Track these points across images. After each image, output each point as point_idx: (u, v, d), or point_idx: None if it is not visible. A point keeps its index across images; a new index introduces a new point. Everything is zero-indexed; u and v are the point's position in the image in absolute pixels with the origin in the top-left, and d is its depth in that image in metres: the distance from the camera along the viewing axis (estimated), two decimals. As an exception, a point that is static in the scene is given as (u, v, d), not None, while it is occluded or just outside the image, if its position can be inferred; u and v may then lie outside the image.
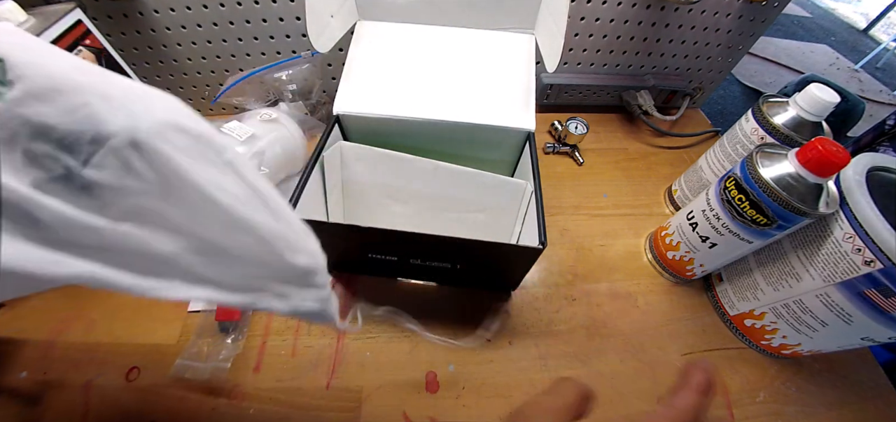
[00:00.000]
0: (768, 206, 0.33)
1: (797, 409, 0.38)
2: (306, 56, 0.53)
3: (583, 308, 0.44)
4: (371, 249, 0.37)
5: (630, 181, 0.57)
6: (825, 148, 0.30)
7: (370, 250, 0.37)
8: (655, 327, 0.43)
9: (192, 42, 0.52)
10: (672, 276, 0.46)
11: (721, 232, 0.38)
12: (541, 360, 0.40)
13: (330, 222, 0.32)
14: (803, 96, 0.39)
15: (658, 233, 0.48)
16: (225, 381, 0.35)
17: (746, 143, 0.44)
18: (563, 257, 0.48)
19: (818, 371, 0.41)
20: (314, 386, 0.36)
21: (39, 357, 0.37)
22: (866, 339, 0.33)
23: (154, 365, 0.37)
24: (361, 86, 0.42)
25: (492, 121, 0.40)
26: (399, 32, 0.45)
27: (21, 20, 0.34)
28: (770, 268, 0.38)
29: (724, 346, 0.42)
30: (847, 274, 0.31)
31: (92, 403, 0.34)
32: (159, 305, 0.41)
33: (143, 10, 0.47)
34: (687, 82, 0.66)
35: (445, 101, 0.42)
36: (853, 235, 0.31)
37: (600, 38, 0.59)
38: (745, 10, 0.57)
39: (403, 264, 0.40)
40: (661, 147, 0.63)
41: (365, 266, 0.42)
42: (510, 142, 0.43)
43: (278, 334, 0.39)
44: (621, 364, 0.40)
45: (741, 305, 0.41)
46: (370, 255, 0.38)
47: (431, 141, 0.43)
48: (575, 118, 0.59)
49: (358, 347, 0.39)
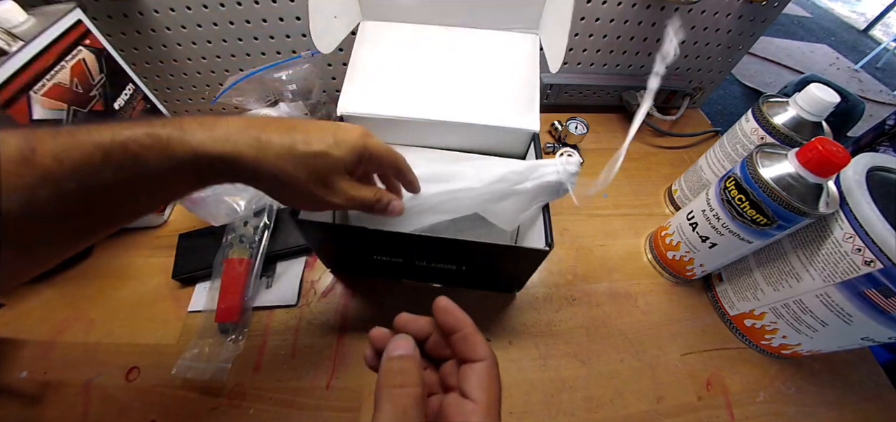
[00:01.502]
0: (768, 206, 0.33)
1: (797, 409, 0.38)
2: (306, 56, 0.53)
3: (583, 308, 0.44)
4: (377, 251, 0.37)
5: (630, 181, 0.57)
6: (825, 148, 0.30)
7: (376, 252, 0.37)
8: (655, 327, 0.43)
9: (192, 42, 0.52)
10: (672, 276, 0.46)
11: (721, 232, 0.38)
12: (541, 360, 0.40)
13: (334, 224, 0.32)
14: (803, 96, 0.39)
15: (658, 233, 0.48)
16: (225, 381, 0.35)
17: (746, 143, 0.44)
18: (563, 257, 0.48)
19: (818, 371, 0.41)
20: (314, 386, 0.36)
21: (39, 357, 0.37)
22: (866, 339, 0.33)
23: (154, 365, 0.37)
24: (365, 86, 0.42)
25: (496, 122, 0.40)
26: (403, 33, 0.45)
27: (21, 20, 0.34)
28: (770, 268, 0.38)
29: (724, 346, 0.42)
30: (847, 274, 0.31)
31: (92, 403, 0.34)
32: (159, 305, 0.41)
33: (143, 10, 0.47)
34: (687, 82, 0.66)
35: (449, 101, 0.41)
36: (853, 235, 0.31)
37: (600, 38, 0.59)
38: (745, 10, 0.57)
39: (409, 266, 0.40)
40: (661, 147, 0.63)
41: (371, 267, 0.42)
42: (514, 142, 0.43)
43: (278, 333, 0.39)
44: (621, 364, 0.40)
45: (741, 305, 0.41)
46: (375, 256, 0.38)
47: (435, 141, 0.43)
48: (575, 118, 0.59)
49: (358, 346, 0.39)
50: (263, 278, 0.42)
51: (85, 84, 0.38)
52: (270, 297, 0.41)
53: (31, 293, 0.41)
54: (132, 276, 0.43)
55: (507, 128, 0.40)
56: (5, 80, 0.31)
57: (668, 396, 0.38)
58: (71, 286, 0.41)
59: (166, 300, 0.41)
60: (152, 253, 0.45)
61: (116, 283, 0.42)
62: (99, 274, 0.43)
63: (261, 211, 0.43)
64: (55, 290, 0.41)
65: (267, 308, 0.41)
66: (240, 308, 0.38)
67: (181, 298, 0.41)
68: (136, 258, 0.44)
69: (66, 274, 0.42)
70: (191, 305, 0.40)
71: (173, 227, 0.47)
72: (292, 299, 0.41)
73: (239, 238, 0.41)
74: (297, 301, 0.41)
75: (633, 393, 0.38)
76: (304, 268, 0.44)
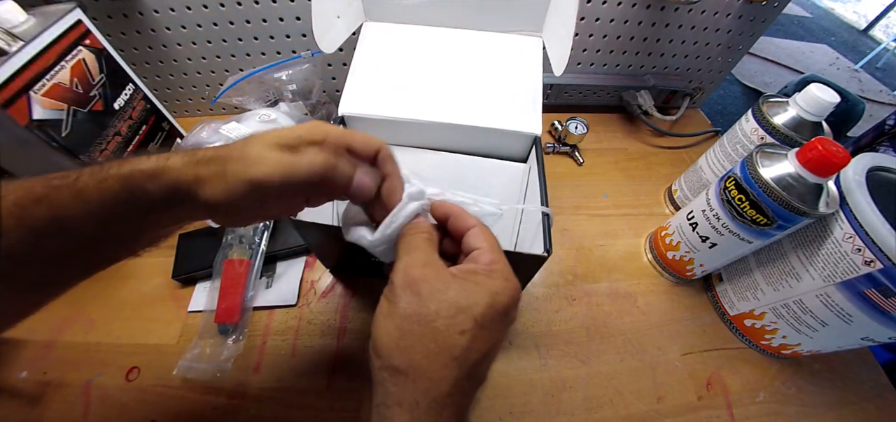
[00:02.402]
0: (768, 206, 0.33)
1: (797, 409, 0.38)
2: (306, 56, 0.53)
3: (583, 308, 0.44)
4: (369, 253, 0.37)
5: (630, 181, 0.57)
6: (825, 148, 0.30)
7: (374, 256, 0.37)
8: (655, 326, 0.43)
9: (192, 42, 0.52)
10: (672, 276, 0.46)
11: (721, 232, 0.38)
12: (541, 360, 0.40)
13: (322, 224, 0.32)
14: (803, 96, 0.39)
15: (658, 233, 0.48)
16: (225, 381, 0.35)
17: (746, 143, 0.44)
18: (563, 257, 0.48)
19: (818, 371, 0.41)
20: (314, 386, 0.36)
21: (39, 357, 0.37)
22: (866, 339, 0.33)
23: (154, 365, 0.37)
24: (367, 87, 0.42)
25: (497, 124, 0.40)
26: (405, 34, 0.45)
27: (21, 20, 0.34)
28: (770, 268, 0.38)
29: (724, 346, 0.42)
30: (847, 274, 0.31)
31: (92, 403, 0.34)
32: (159, 305, 0.41)
33: (143, 10, 0.47)
34: (687, 82, 0.66)
35: (451, 103, 0.41)
36: (853, 235, 0.31)
37: (600, 38, 0.59)
38: (745, 10, 0.57)
39: None
40: (661, 147, 0.63)
41: (366, 268, 0.42)
42: (516, 145, 0.42)
43: (278, 333, 0.39)
44: (621, 364, 0.40)
45: (741, 305, 0.41)
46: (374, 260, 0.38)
47: (436, 143, 0.43)
48: (575, 118, 0.59)
49: (358, 346, 0.39)
50: (263, 278, 0.42)
51: (85, 84, 0.38)
52: (270, 297, 0.41)
53: (31, 293, 0.41)
54: (132, 276, 0.43)
55: (509, 130, 0.40)
56: (5, 80, 0.31)
57: (668, 396, 0.38)
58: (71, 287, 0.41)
59: (166, 300, 0.41)
60: (152, 253, 0.44)
61: (116, 283, 0.42)
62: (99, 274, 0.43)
63: (261, 211, 0.43)
64: (55, 290, 0.41)
65: (267, 308, 0.41)
66: (239, 309, 0.38)
67: (181, 298, 0.41)
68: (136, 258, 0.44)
69: (66, 274, 0.42)
70: (191, 305, 0.40)
71: (173, 227, 0.47)
72: (292, 299, 0.41)
73: (238, 238, 0.41)
74: (297, 301, 0.41)
75: (633, 393, 0.38)
76: (304, 268, 0.44)
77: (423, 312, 0.18)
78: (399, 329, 0.18)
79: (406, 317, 0.18)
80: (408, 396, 0.18)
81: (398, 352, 0.18)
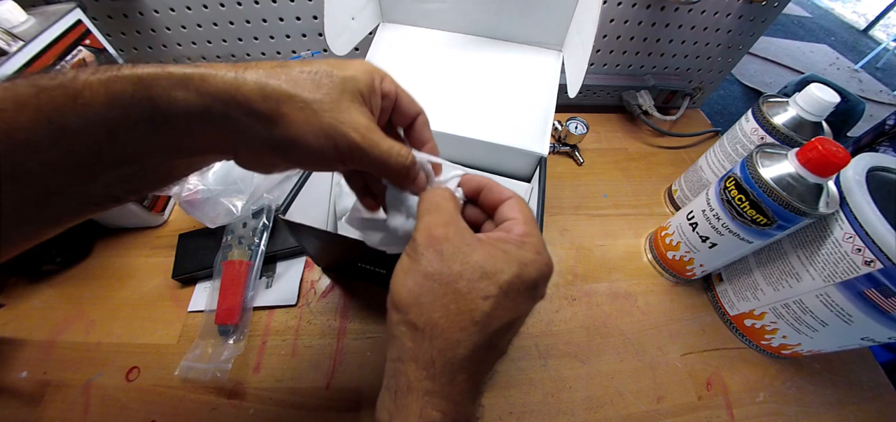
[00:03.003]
0: (768, 206, 0.33)
1: (797, 409, 0.38)
2: (306, 56, 0.53)
3: (583, 308, 0.44)
4: (361, 259, 0.37)
5: (630, 181, 0.57)
6: (825, 148, 0.30)
7: (360, 260, 0.37)
8: (655, 326, 0.43)
9: (192, 42, 0.52)
10: (672, 276, 0.46)
11: (721, 232, 0.38)
12: (541, 360, 0.40)
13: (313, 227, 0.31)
14: (803, 96, 0.39)
15: (658, 233, 0.48)
16: (225, 381, 0.35)
17: (746, 143, 0.44)
18: (563, 257, 0.48)
19: (818, 371, 0.41)
20: (314, 386, 0.36)
21: (39, 357, 0.37)
22: (866, 339, 0.33)
23: (154, 365, 0.37)
24: None
25: (506, 142, 0.39)
26: (422, 38, 0.44)
27: (21, 20, 0.34)
28: (770, 268, 0.38)
29: (724, 346, 0.42)
30: (847, 274, 0.31)
31: (92, 403, 0.34)
32: (159, 305, 0.41)
33: (143, 10, 0.47)
34: (687, 82, 0.66)
35: (461, 114, 0.41)
36: (853, 235, 0.31)
37: (600, 38, 0.59)
38: (745, 10, 0.57)
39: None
40: (661, 147, 0.63)
41: (356, 273, 0.42)
42: (521, 163, 0.42)
43: (278, 334, 0.39)
44: (621, 364, 0.40)
45: (741, 305, 0.41)
46: (359, 264, 0.38)
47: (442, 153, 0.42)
48: (575, 118, 0.59)
49: (358, 346, 0.39)
50: (263, 278, 0.42)
51: (85, 84, 0.38)
52: (270, 297, 0.41)
53: (31, 293, 0.41)
54: (132, 276, 0.43)
55: (517, 149, 0.40)
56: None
57: (668, 396, 0.38)
58: (71, 286, 0.41)
59: (166, 300, 0.41)
60: (152, 253, 0.45)
61: (116, 283, 0.42)
62: (99, 274, 0.43)
63: (260, 212, 0.43)
64: (55, 290, 0.41)
65: (267, 308, 0.41)
66: (239, 310, 0.38)
67: (181, 298, 0.41)
68: (136, 258, 0.44)
69: (66, 274, 0.42)
70: (191, 305, 0.40)
71: (173, 227, 0.47)
72: (292, 299, 0.41)
73: (238, 239, 0.41)
74: (297, 301, 0.41)
75: (633, 393, 0.38)
76: (304, 268, 0.44)
77: (445, 272, 0.18)
78: (419, 286, 0.18)
79: (427, 275, 0.18)
80: (424, 353, 0.17)
81: (417, 307, 0.17)
